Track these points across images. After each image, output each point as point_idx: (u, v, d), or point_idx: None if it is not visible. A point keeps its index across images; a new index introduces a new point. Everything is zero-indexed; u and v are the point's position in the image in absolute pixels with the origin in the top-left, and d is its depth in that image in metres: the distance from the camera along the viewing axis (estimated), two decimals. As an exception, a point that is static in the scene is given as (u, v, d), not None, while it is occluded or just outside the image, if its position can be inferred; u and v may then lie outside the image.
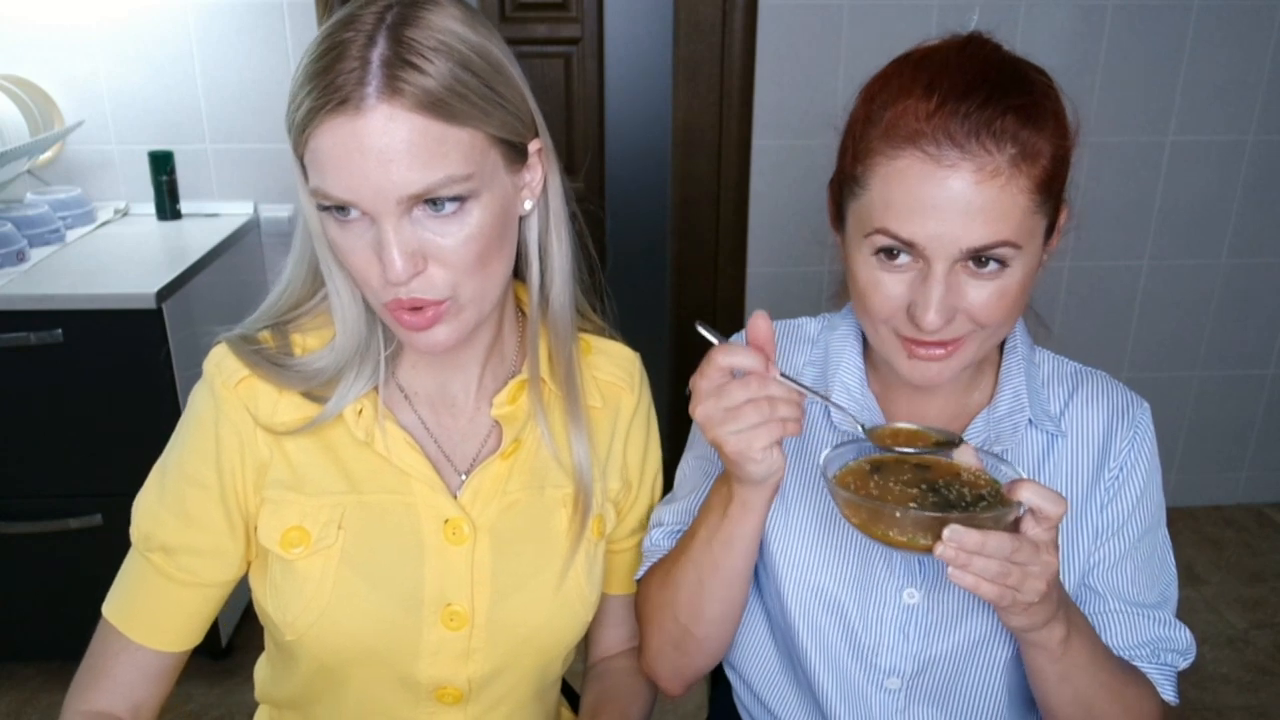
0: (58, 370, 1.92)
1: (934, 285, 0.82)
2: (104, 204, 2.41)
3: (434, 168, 0.77)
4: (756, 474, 0.84)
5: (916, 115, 0.80)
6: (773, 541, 1.00)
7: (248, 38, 2.34)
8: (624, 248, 2.75)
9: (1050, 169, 0.82)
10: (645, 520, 1.06)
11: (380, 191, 0.77)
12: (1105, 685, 0.90)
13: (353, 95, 0.75)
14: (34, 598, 2.11)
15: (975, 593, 0.77)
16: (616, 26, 2.52)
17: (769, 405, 0.80)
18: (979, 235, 0.80)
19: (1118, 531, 0.97)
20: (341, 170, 0.77)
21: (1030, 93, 0.82)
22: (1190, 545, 2.77)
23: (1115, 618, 0.97)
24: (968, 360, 0.89)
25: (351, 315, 0.89)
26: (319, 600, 0.89)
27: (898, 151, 0.81)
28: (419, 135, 0.76)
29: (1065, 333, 2.69)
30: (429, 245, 0.80)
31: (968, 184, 0.79)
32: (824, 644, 1.00)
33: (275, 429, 0.89)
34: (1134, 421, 0.98)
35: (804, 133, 2.45)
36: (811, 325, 1.07)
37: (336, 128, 0.76)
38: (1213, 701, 2.21)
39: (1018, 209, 0.80)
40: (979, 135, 0.78)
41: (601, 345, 1.04)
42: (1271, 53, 2.51)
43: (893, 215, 0.82)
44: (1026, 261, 0.84)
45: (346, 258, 0.83)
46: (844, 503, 0.81)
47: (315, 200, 0.81)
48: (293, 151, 0.82)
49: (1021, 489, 0.77)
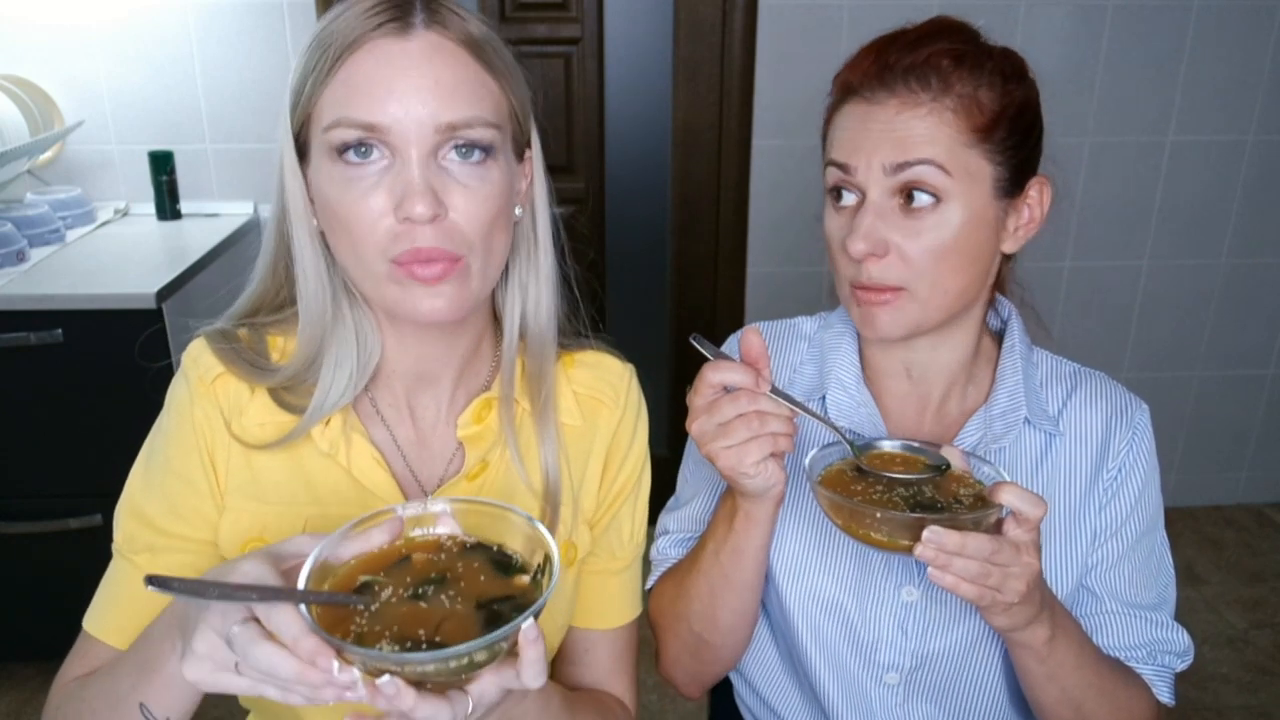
0: (58, 370, 1.92)
1: (864, 214, 0.88)
2: (104, 204, 2.41)
3: (473, 103, 0.78)
4: (752, 488, 0.85)
5: (860, 70, 0.89)
6: (771, 545, 1.00)
7: (248, 38, 2.34)
8: (624, 248, 2.75)
9: (993, 116, 0.87)
10: (627, 547, 0.98)
11: (420, 118, 0.76)
12: (1093, 685, 0.91)
13: (397, 22, 0.77)
14: (34, 598, 2.11)
15: (955, 592, 0.77)
16: (616, 26, 2.52)
17: (759, 420, 0.81)
18: (900, 154, 0.86)
19: (1116, 533, 0.97)
20: (380, 92, 0.76)
21: (968, 42, 0.89)
22: (1190, 545, 2.77)
23: (1112, 619, 0.97)
24: (915, 319, 0.90)
25: (315, 308, 0.85)
26: None
27: (843, 101, 0.91)
28: (462, 68, 0.78)
29: (1065, 333, 2.69)
30: (451, 191, 0.78)
31: (891, 114, 0.86)
32: (824, 642, 1.00)
33: (246, 441, 0.86)
34: (1132, 422, 0.98)
35: (804, 133, 2.43)
36: (807, 324, 1.08)
37: (382, 48, 0.76)
38: (1213, 701, 2.21)
39: (944, 138, 0.86)
40: (906, 80, 0.86)
41: (588, 359, 0.98)
42: (1271, 53, 2.51)
43: (835, 148, 0.91)
44: (966, 207, 0.87)
45: (351, 209, 0.78)
46: (827, 503, 0.82)
47: (332, 136, 0.78)
48: (289, 134, 0.81)
49: (1002, 491, 0.78)
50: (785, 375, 1.04)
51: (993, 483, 0.81)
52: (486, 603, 0.65)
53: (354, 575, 0.67)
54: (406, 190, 0.76)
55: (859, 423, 0.98)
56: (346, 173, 0.78)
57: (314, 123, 0.80)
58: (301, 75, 0.80)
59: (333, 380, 0.86)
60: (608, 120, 2.58)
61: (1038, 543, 0.80)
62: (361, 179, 0.78)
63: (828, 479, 0.85)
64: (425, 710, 0.62)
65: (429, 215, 0.76)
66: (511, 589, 0.66)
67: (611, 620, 0.98)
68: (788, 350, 1.06)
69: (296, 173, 0.82)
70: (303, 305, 0.86)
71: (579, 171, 2.60)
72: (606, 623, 0.98)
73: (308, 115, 0.80)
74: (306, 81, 0.79)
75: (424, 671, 0.60)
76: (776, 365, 1.04)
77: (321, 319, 0.86)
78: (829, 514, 0.83)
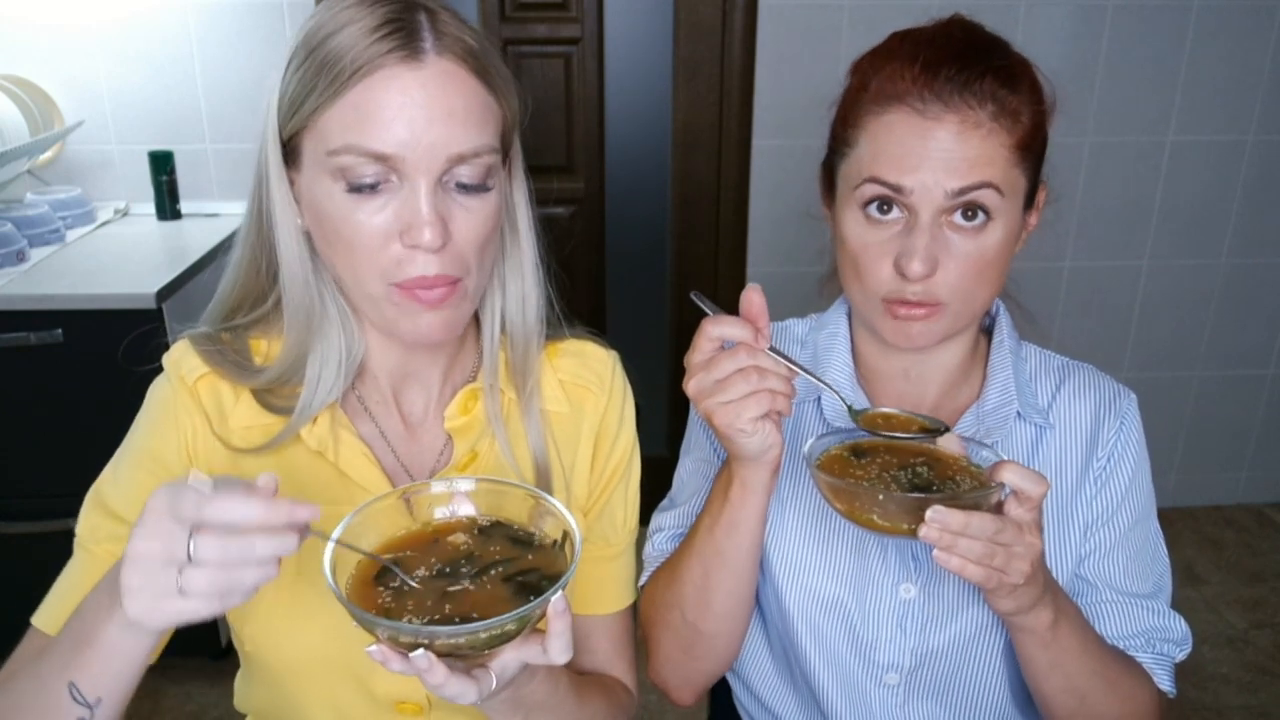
0: (58, 370, 1.92)
1: (920, 234, 0.86)
2: (104, 204, 2.41)
3: (482, 132, 0.79)
4: (749, 447, 0.84)
5: (903, 77, 0.86)
6: (768, 542, 1.00)
7: (248, 38, 2.34)
8: (624, 248, 2.75)
9: (1029, 130, 0.87)
10: (620, 533, 1.00)
11: (430, 148, 0.76)
12: (1097, 673, 0.91)
13: (408, 49, 0.75)
14: (34, 598, 2.10)
15: (961, 575, 0.77)
16: (616, 26, 2.52)
17: (757, 375, 0.80)
18: (963, 177, 0.84)
19: (1108, 521, 0.98)
20: (395, 123, 0.75)
21: (1009, 59, 0.88)
22: (1190, 545, 2.77)
23: (1109, 608, 0.98)
24: (946, 329, 0.91)
25: (301, 309, 0.85)
26: (275, 613, 0.87)
27: (884, 108, 0.87)
28: (472, 96, 0.78)
29: (1065, 333, 2.70)
30: (456, 218, 0.79)
31: (951, 134, 0.84)
32: (823, 642, 1.00)
33: (233, 445, 0.86)
34: (1120, 412, 0.99)
35: (804, 133, 2.44)
36: (799, 326, 1.08)
37: (396, 77, 0.75)
38: (1213, 701, 2.21)
39: (1000, 158, 0.85)
40: (961, 92, 0.84)
41: (572, 348, 0.98)
42: (1271, 53, 2.51)
43: (882, 163, 0.87)
44: (1007, 223, 0.87)
45: (357, 232, 0.78)
46: (827, 487, 0.82)
47: (330, 164, 0.77)
48: (274, 139, 0.80)
49: (1003, 470, 0.78)
50: None
51: (991, 464, 0.81)
52: (513, 576, 0.68)
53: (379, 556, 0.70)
54: (414, 219, 0.77)
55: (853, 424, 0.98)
56: (352, 198, 0.78)
57: (313, 136, 0.79)
58: (300, 87, 0.78)
59: (319, 378, 0.86)
60: (608, 120, 2.58)
61: (1040, 522, 0.80)
62: (368, 202, 0.78)
63: (826, 464, 0.85)
64: (455, 688, 0.64)
65: (438, 244, 0.77)
66: (534, 564, 0.69)
67: (609, 605, 0.99)
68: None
69: (282, 176, 0.82)
70: (288, 307, 0.86)
71: (579, 171, 2.60)
72: (604, 608, 0.99)
73: (303, 127, 0.79)
74: (307, 95, 0.77)
75: (455, 644, 0.62)
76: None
77: (308, 320, 0.86)
78: (829, 499, 0.82)
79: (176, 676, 2.22)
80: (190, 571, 0.61)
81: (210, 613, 0.63)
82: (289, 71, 0.79)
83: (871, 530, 0.80)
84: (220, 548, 0.61)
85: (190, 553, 0.61)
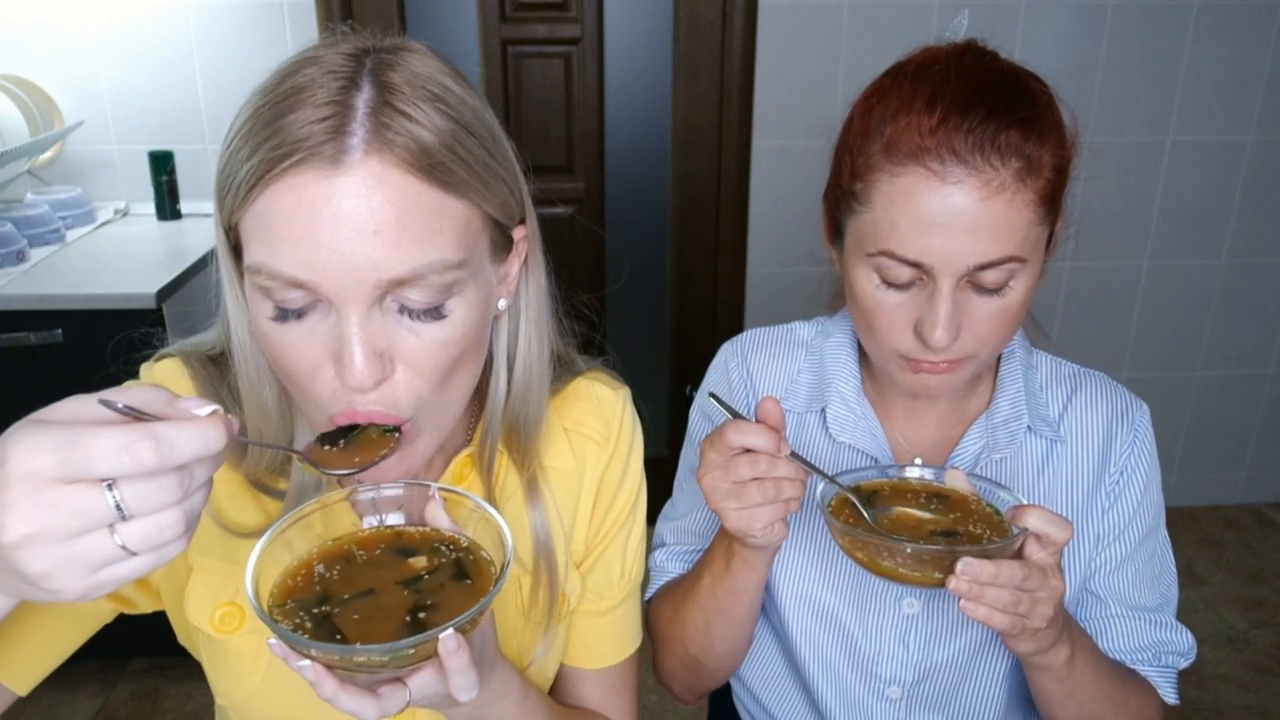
0: (58, 370, 1.92)
1: (941, 303, 0.81)
2: (104, 204, 2.40)
3: (425, 247, 0.63)
4: (756, 545, 0.84)
5: (919, 130, 0.78)
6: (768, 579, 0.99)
7: (248, 38, 2.33)
8: (624, 248, 2.75)
9: (1053, 181, 0.81)
10: (616, 587, 0.91)
11: (354, 272, 0.61)
12: (1109, 697, 0.90)
13: (327, 146, 0.61)
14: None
15: (988, 624, 0.75)
16: (616, 26, 2.52)
17: (774, 487, 0.79)
18: (985, 251, 0.79)
19: (1119, 536, 0.97)
20: (303, 242, 0.61)
21: (1033, 105, 0.81)
22: (1190, 545, 2.77)
23: (1117, 622, 0.97)
24: (969, 375, 0.89)
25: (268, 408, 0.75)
26: (254, 677, 0.80)
27: (900, 168, 0.79)
28: (411, 203, 0.62)
29: (1065, 333, 2.69)
30: (400, 345, 0.66)
31: (973, 200, 0.77)
32: (822, 657, 0.99)
33: (227, 525, 0.77)
34: (1133, 424, 0.97)
35: (804, 133, 2.44)
36: (804, 329, 1.05)
37: (301, 186, 0.61)
38: (1213, 701, 2.21)
39: (1023, 222, 0.79)
40: (983, 150, 0.77)
41: (580, 390, 0.89)
42: (1271, 53, 2.51)
43: (898, 237, 0.80)
44: (1030, 276, 0.83)
45: (284, 355, 0.66)
46: (846, 540, 0.79)
47: (253, 281, 0.65)
48: (220, 222, 0.68)
49: (1027, 515, 0.76)
50: (783, 384, 1.02)
51: (1010, 506, 0.80)
52: (416, 609, 0.62)
53: (313, 563, 0.65)
54: (343, 353, 0.63)
55: (859, 437, 0.97)
56: (278, 322, 0.66)
57: (242, 234, 0.66)
58: (232, 158, 0.65)
59: (304, 474, 0.77)
60: (608, 120, 2.58)
61: (1060, 564, 0.78)
62: (297, 325, 0.65)
63: (837, 508, 0.83)
64: (348, 703, 0.59)
65: (369, 384, 0.64)
66: (451, 597, 0.63)
67: (598, 660, 0.92)
68: (785, 358, 1.03)
69: (232, 274, 0.71)
70: (248, 402, 0.75)
71: (579, 171, 2.60)
72: (593, 663, 0.92)
73: (239, 221, 0.66)
74: (237, 174, 0.64)
75: (331, 660, 0.59)
76: (773, 373, 1.02)
77: (278, 415, 0.76)
78: (847, 551, 0.80)
79: (176, 676, 2.22)
80: (124, 528, 0.50)
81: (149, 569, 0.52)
82: (233, 128, 0.66)
83: (894, 581, 0.78)
84: (158, 490, 0.50)
85: (119, 505, 0.49)
